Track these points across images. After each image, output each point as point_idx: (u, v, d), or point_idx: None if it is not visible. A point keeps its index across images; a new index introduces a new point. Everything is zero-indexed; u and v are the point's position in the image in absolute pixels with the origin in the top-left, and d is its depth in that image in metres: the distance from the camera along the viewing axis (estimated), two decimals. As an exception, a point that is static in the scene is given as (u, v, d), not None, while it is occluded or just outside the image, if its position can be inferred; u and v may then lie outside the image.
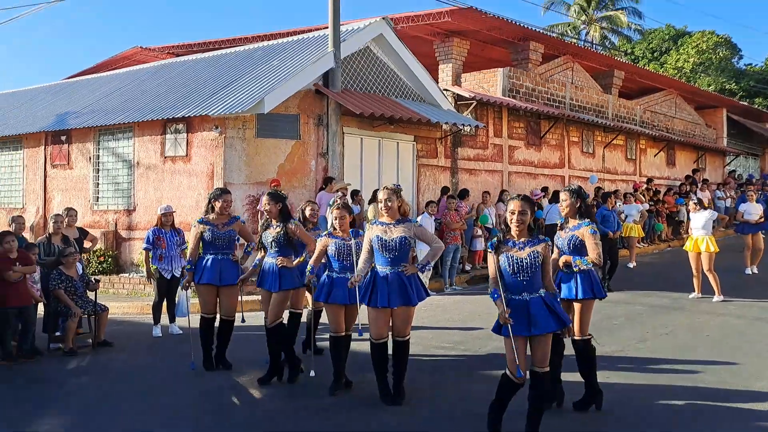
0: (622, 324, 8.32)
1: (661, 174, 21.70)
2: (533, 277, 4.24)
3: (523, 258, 4.21)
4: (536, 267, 4.23)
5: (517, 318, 4.16)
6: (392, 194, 5.75)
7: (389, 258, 5.16)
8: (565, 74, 18.71)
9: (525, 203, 4.29)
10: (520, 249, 4.23)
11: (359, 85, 12.52)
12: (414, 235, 5.21)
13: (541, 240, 4.31)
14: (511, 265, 4.22)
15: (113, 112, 12.69)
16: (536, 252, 4.24)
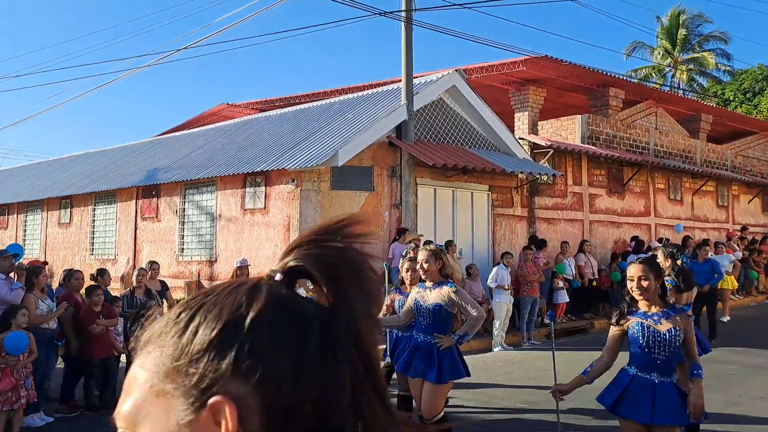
0: (711, 385, 7.74)
1: (756, 221, 20.47)
2: (670, 358, 3.67)
3: (662, 332, 3.63)
4: (676, 345, 3.64)
5: (639, 400, 3.65)
6: (431, 256, 5.46)
7: (424, 325, 4.84)
8: (648, 119, 18.16)
9: (646, 266, 3.68)
10: (657, 322, 3.66)
11: (432, 136, 12.60)
12: (449, 302, 4.73)
13: (679, 310, 3.72)
14: (646, 337, 3.65)
15: (198, 167, 13.29)
16: (677, 328, 3.64)
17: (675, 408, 3.61)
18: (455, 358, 4.79)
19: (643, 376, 3.67)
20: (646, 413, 3.60)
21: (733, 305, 14.28)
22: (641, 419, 3.62)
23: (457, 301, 4.72)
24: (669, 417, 3.60)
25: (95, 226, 15.61)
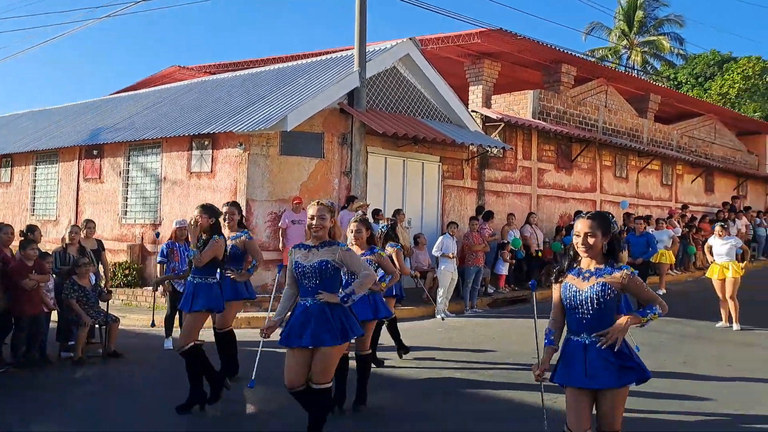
0: (643, 353, 8.02)
1: (698, 201, 21.13)
2: (599, 315, 3.42)
3: (583, 290, 3.44)
4: (602, 303, 3.40)
5: (572, 364, 3.43)
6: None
7: (310, 287, 4.32)
8: (598, 97, 18.45)
9: (594, 222, 3.49)
10: (585, 279, 3.47)
11: (385, 105, 12.56)
12: (339, 260, 4.30)
13: (616, 269, 3.46)
14: (569, 297, 3.49)
15: (143, 128, 12.98)
16: (604, 285, 3.42)
17: (610, 369, 3.34)
18: (349, 316, 4.38)
19: (575, 339, 3.47)
20: (578, 377, 3.37)
21: (671, 279, 14.76)
22: (575, 383, 3.39)
23: (347, 261, 4.31)
24: (601, 380, 3.33)
25: (36, 186, 15.15)
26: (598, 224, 3.48)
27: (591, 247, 3.46)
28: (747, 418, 5.40)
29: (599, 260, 3.49)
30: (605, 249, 3.50)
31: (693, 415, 5.50)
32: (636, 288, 3.46)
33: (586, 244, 3.46)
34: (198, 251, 5.42)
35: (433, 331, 9.46)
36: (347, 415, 5.41)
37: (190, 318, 5.48)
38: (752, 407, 5.71)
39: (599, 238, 3.46)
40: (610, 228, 3.50)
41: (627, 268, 3.44)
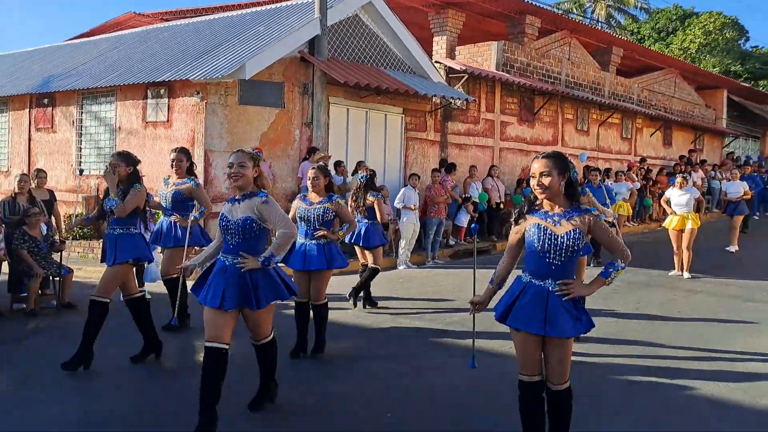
0: (594, 300, 8.24)
1: (657, 154, 21.49)
2: (567, 262, 3.29)
3: (560, 235, 3.26)
4: (574, 250, 3.27)
5: (531, 309, 3.30)
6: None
7: (232, 244, 4.02)
8: (561, 50, 18.42)
9: (549, 161, 3.28)
10: (556, 223, 3.28)
11: (346, 54, 12.33)
12: (260, 215, 3.98)
13: (583, 211, 3.30)
14: (542, 240, 3.29)
15: (96, 76, 12.53)
16: (578, 232, 3.26)
17: (568, 318, 3.26)
18: (272, 279, 4.05)
19: (537, 283, 3.30)
20: (538, 324, 3.26)
21: (628, 231, 15.09)
22: (534, 330, 3.27)
23: (265, 215, 3.99)
24: (560, 328, 3.25)
25: (-15, 136, 14.60)
26: (553, 163, 3.27)
27: (547, 188, 3.26)
28: (695, 358, 5.61)
29: (561, 202, 3.31)
30: (563, 189, 3.31)
31: (642, 358, 5.68)
32: (601, 232, 3.30)
33: (542, 184, 3.27)
34: (119, 201, 5.20)
35: (395, 282, 9.53)
36: (307, 360, 5.44)
37: (112, 271, 5.22)
38: (700, 346, 5.93)
39: (555, 177, 3.26)
40: (567, 167, 3.31)
41: (593, 211, 3.29)
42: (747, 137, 27.96)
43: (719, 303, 8.19)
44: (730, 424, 4.19)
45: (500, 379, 4.97)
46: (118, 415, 4.27)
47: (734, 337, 6.43)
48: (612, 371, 5.29)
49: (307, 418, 4.25)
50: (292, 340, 5.64)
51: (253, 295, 3.96)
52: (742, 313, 7.55)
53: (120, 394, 4.73)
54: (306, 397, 4.64)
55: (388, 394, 4.77)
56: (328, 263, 5.58)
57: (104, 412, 4.32)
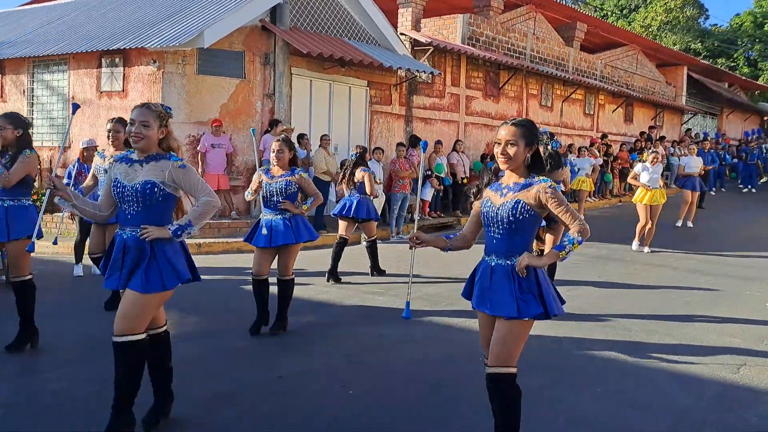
0: (558, 273, 8.29)
1: (618, 130, 21.72)
2: (510, 236, 3.04)
3: (497, 206, 3.06)
4: (512, 223, 3.01)
5: (480, 288, 3.14)
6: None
7: (130, 214, 3.38)
8: (527, 24, 18.36)
9: (518, 130, 3.02)
10: (502, 195, 3.08)
11: (310, 24, 12.04)
12: (169, 179, 3.35)
13: (536, 182, 3.03)
14: (485, 213, 3.13)
15: (48, 43, 12.00)
16: (517, 202, 3.01)
17: (509, 299, 2.99)
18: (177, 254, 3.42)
19: (486, 260, 3.14)
20: (479, 299, 3.13)
21: (589, 206, 15.26)
22: (478, 306, 3.13)
23: (181, 181, 3.36)
24: (498, 307, 3.03)
25: (-71, 105, 13.91)
26: (522, 132, 3.01)
27: (511, 159, 3.01)
28: (656, 331, 5.66)
29: (521, 173, 3.07)
30: (528, 161, 3.06)
31: (604, 331, 5.72)
32: (555, 205, 2.97)
33: (506, 153, 3.01)
34: (4, 169, 4.61)
35: (361, 257, 9.44)
36: (267, 336, 5.33)
37: (13, 247, 4.70)
38: (660, 319, 6.00)
39: (521, 148, 3.01)
40: (536, 138, 3.05)
41: (546, 181, 2.99)
42: (705, 114, 28.46)
43: (679, 276, 8.31)
44: (690, 396, 4.22)
45: (470, 355, 4.94)
46: (67, 395, 4.10)
47: (694, 311, 6.52)
48: (574, 345, 5.30)
49: (269, 397, 4.14)
50: (251, 317, 5.51)
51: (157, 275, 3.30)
52: (701, 287, 7.67)
53: (68, 372, 4.56)
54: (267, 374, 4.53)
55: (351, 370, 4.69)
56: (296, 237, 5.40)
57: (52, 392, 4.14)
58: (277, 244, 5.37)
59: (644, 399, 4.17)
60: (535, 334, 5.45)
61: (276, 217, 5.47)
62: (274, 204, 5.49)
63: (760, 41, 38.17)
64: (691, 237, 11.66)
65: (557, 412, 3.94)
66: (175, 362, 3.75)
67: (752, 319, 6.23)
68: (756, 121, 33.31)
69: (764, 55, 38.23)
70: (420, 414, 3.89)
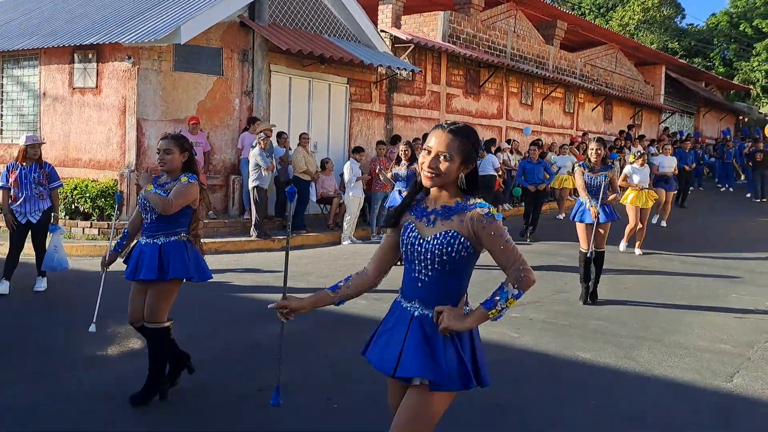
0: (542, 275, 8.20)
1: (597, 128, 21.77)
2: (442, 279, 2.33)
3: (426, 239, 2.33)
4: (446, 264, 2.30)
5: (387, 343, 2.40)
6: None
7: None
8: (507, 22, 18.29)
9: (455, 141, 2.28)
10: (429, 223, 2.35)
11: (289, 21, 11.80)
12: None
13: (470, 206, 2.30)
14: (407, 245, 2.39)
15: (18, 37, 11.63)
16: (451, 235, 2.29)
17: (425, 361, 2.28)
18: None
19: (404, 305, 2.41)
20: (390, 362, 2.34)
21: (570, 204, 15.19)
22: (383, 370, 2.38)
23: None
24: (416, 368, 2.28)
25: None
26: (459, 146, 2.28)
27: (440, 175, 2.30)
28: (646, 338, 5.57)
29: (452, 192, 2.35)
30: (462, 184, 2.35)
31: (593, 338, 5.61)
32: (489, 239, 2.26)
33: (436, 168, 2.29)
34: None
35: (339, 258, 9.26)
36: (246, 347, 5.13)
37: None
38: (649, 324, 5.91)
39: (456, 165, 2.29)
40: (475, 155, 2.34)
41: (483, 206, 2.28)
42: (682, 113, 28.70)
43: (664, 279, 8.25)
44: (685, 408, 4.12)
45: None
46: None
47: (682, 315, 6.45)
48: (561, 354, 5.17)
49: (249, 412, 3.95)
50: (226, 324, 5.30)
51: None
52: (688, 290, 7.61)
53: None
54: (246, 387, 4.33)
55: (335, 381, 4.51)
56: (161, 272, 3.90)
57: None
58: (139, 278, 3.95)
59: (638, 412, 4.05)
60: (518, 343, 5.34)
61: (150, 240, 4.00)
62: (149, 221, 4.01)
63: (735, 41, 38.62)
64: (672, 238, 11.65)
65: (551, 429, 3.80)
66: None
67: (740, 323, 6.17)
68: (731, 120, 33.72)
69: (740, 55, 38.70)
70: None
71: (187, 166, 4.07)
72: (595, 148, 6.86)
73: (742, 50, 38.44)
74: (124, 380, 4.39)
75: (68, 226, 9.86)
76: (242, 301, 6.59)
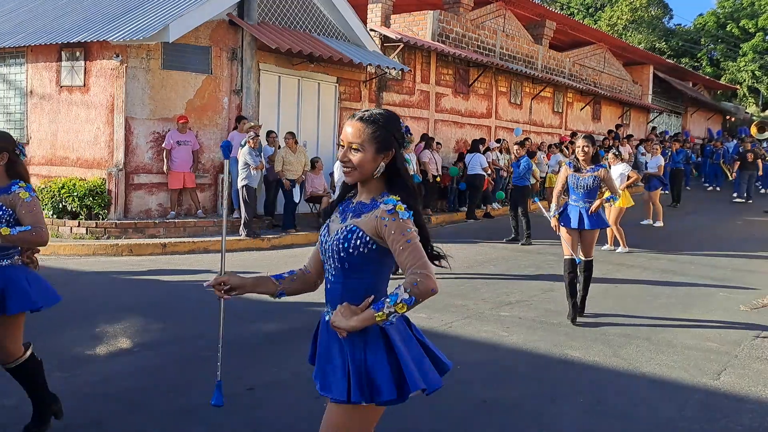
0: (531, 274, 8.23)
1: (586, 128, 21.87)
2: (343, 278, 2.19)
3: (329, 237, 2.23)
4: (345, 261, 2.15)
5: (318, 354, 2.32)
6: None
7: None
8: (497, 21, 18.33)
9: (365, 129, 2.14)
10: (344, 219, 2.22)
11: (278, 19, 11.77)
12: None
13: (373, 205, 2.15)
14: (322, 245, 2.28)
15: (4, 35, 11.52)
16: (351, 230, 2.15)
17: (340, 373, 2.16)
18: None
19: (324, 313, 2.30)
20: (319, 377, 2.28)
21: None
22: (318, 387, 2.27)
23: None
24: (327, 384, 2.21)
25: None
26: (371, 134, 2.12)
27: (355, 168, 2.14)
28: (633, 335, 5.60)
29: (373, 189, 2.19)
30: (378, 173, 2.16)
31: (580, 337, 5.63)
32: (390, 237, 2.07)
33: (348, 161, 2.14)
34: None
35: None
36: (234, 345, 5.11)
37: None
38: (636, 322, 5.94)
39: (369, 155, 2.12)
40: (393, 141, 2.15)
41: (390, 202, 2.09)
42: (670, 113, 28.89)
43: (651, 278, 8.30)
44: (673, 406, 4.14)
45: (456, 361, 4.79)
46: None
47: (669, 313, 6.49)
48: (550, 352, 5.19)
49: (238, 411, 3.94)
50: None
51: None
52: (676, 289, 7.66)
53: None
54: (236, 386, 4.32)
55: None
56: None
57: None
58: None
59: (626, 409, 4.08)
60: (507, 342, 5.36)
61: None
62: None
63: (722, 41, 38.92)
64: (659, 237, 11.73)
65: (539, 427, 3.81)
66: (136, 372, 3.53)
67: (727, 321, 6.22)
68: (718, 119, 33.99)
69: (726, 55, 39.01)
70: (401, 426, 3.73)
71: (13, 170, 3.29)
72: (581, 146, 6.10)
73: (729, 50, 38.75)
74: (111, 379, 4.37)
75: (55, 225, 9.81)
76: (229, 301, 6.55)
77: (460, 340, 5.40)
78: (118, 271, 7.95)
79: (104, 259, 8.80)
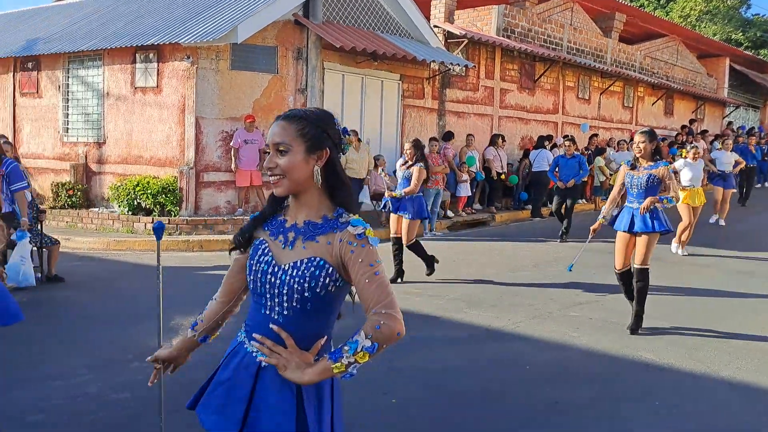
0: (600, 273, 8.01)
1: (658, 123, 21.14)
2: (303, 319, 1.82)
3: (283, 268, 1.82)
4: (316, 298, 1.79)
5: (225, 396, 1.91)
6: None
7: None
8: (564, 15, 17.93)
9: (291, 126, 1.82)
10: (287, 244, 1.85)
11: (342, 18, 11.86)
12: None
13: (340, 226, 1.79)
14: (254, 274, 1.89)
15: (83, 39, 12.03)
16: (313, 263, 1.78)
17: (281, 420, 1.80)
18: None
19: (250, 350, 1.88)
20: (233, 423, 1.84)
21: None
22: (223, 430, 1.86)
23: None
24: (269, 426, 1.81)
25: (-32, 101, 14.09)
26: (298, 130, 1.80)
27: (284, 176, 1.82)
28: (710, 337, 5.37)
29: (315, 203, 1.85)
30: (317, 179, 1.82)
31: (654, 338, 5.45)
32: (355, 267, 1.74)
33: (275, 167, 1.82)
34: None
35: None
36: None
37: None
38: (712, 325, 5.70)
39: (299, 156, 1.80)
40: (322, 140, 1.81)
41: (358, 224, 1.76)
42: (747, 107, 27.60)
43: (724, 279, 7.95)
44: (754, 411, 3.95)
45: (514, 362, 4.73)
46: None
47: (746, 316, 6.20)
48: (621, 354, 5.04)
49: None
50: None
51: None
52: (749, 290, 7.31)
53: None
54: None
55: (391, 376, 4.51)
56: None
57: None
58: None
59: (705, 414, 3.91)
60: (577, 342, 5.22)
61: None
62: None
63: (804, 30, 36.92)
64: (730, 236, 11.22)
65: (614, 429, 3.70)
66: (214, 363, 3.58)
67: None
68: (800, 113, 32.23)
69: (809, 45, 36.97)
70: (474, 424, 3.70)
71: None
72: (637, 142, 5.47)
73: (811, 40, 36.70)
74: (187, 369, 4.49)
75: (130, 221, 10.21)
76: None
77: (529, 340, 5.32)
78: (189, 267, 8.19)
79: (176, 255, 9.07)
